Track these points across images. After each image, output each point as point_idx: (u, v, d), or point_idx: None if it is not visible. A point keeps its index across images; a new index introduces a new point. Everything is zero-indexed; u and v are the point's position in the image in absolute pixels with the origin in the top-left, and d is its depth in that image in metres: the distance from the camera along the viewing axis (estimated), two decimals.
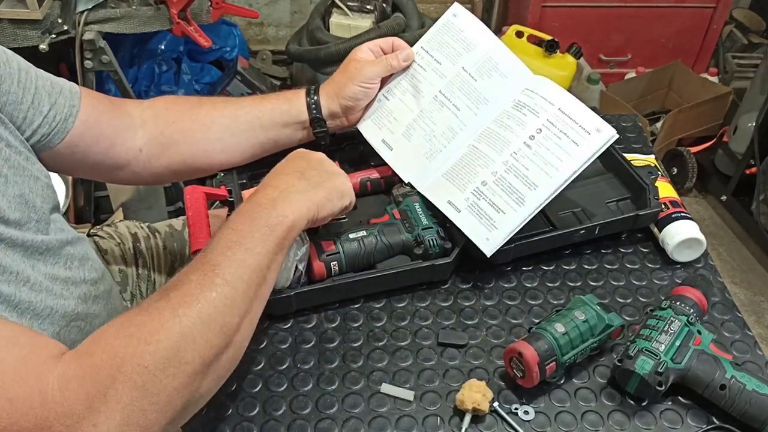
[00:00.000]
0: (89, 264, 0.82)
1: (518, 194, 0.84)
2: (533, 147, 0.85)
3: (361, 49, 0.94)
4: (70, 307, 0.75)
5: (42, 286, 0.71)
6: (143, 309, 0.62)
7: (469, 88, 0.92)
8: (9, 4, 1.49)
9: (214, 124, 0.92)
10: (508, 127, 0.88)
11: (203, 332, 0.61)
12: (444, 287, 0.91)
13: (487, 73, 0.92)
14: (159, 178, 0.96)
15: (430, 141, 0.93)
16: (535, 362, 0.74)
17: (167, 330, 0.60)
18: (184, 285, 0.64)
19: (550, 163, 0.84)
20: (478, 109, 0.92)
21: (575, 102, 0.86)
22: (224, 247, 0.67)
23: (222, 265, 0.65)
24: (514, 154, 0.86)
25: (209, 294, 0.63)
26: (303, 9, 2.59)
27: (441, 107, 0.93)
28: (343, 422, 0.75)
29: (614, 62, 2.44)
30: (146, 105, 0.92)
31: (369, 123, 0.98)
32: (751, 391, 0.72)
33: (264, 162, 1.02)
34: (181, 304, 0.62)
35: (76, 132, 0.81)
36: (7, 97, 0.73)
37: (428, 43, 0.95)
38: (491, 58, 0.92)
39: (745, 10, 2.57)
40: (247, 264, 0.67)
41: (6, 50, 0.76)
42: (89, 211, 1.86)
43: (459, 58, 0.93)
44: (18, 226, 0.69)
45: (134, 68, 2.07)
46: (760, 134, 1.99)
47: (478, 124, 0.91)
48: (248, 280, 0.67)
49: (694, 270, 0.94)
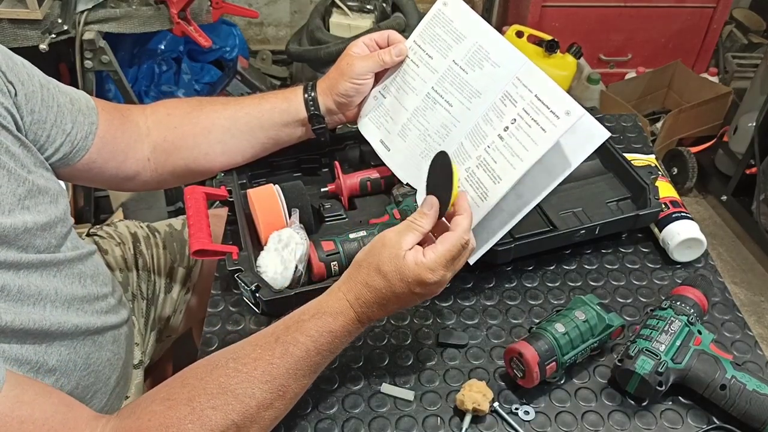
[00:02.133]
0: (100, 279, 0.83)
1: (483, 189, 0.80)
2: (505, 139, 0.80)
3: (357, 43, 0.92)
4: (84, 324, 0.76)
5: (60, 309, 0.72)
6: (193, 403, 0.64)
7: (460, 82, 0.87)
8: (9, 4, 1.49)
9: (215, 127, 0.92)
10: (489, 121, 0.83)
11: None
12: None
13: (478, 63, 0.86)
14: (164, 184, 0.96)
15: (424, 140, 0.90)
16: (535, 362, 0.74)
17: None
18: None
19: (516, 154, 0.78)
20: (471, 104, 0.86)
21: (552, 86, 0.79)
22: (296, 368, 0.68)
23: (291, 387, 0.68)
24: (487, 148, 0.81)
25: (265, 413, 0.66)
26: (303, 9, 2.59)
27: (434, 104, 0.89)
28: (343, 422, 0.75)
29: (614, 62, 2.44)
30: (149, 112, 0.92)
31: (367, 122, 0.97)
32: (751, 391, 0.72)
33: (264, 162, 1.02)
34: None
35: (95, 149, 0.82)
36: (32, 117, 0.73)
37: (420, 37, 0.92)
38: (481, 47, 0.86)
39: (745, 10, 2.57)
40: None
41: (25, 63, 0.75)
42: (89, 211, 1.86)
43: (450, 51, 0.88)
44: (38, 251, 0.71)
45: (134, 68, 2.07)
46: (760, 134, 1.99)
47: (471, 119, 0.86)
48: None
49: (695, 270, 0.94)
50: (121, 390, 0.88)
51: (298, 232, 0.86)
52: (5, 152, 0.67)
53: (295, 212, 0.89)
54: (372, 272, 0.68)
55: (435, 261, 0.67)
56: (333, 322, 0.68)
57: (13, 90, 0.71)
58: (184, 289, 1.11)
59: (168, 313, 1.09)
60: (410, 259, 0.67)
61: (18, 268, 0.67)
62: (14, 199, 0.67)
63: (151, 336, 1.04)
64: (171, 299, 1.09)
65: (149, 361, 1.04)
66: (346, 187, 0.98)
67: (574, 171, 0.83)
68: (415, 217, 0.70)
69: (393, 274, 0.68)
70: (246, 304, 0.88)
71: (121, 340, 0.87)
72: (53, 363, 0.71)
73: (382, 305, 0.69)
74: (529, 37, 2.15)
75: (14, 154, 0.69)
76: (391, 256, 0.68)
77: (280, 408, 0.68)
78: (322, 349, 0.68)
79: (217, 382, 0.65)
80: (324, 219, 0.97)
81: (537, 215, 0.95)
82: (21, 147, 0.71)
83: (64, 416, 0.62)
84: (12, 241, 0.67)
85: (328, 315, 0.68)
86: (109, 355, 0.82)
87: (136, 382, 0.94)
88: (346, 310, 0.69)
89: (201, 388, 0.64)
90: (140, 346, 0.98)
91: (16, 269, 0.67)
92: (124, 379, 0.89)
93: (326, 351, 0.69)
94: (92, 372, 0.78)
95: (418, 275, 0.67)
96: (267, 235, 0.87)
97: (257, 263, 0.83)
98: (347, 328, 0.69)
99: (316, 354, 0.68)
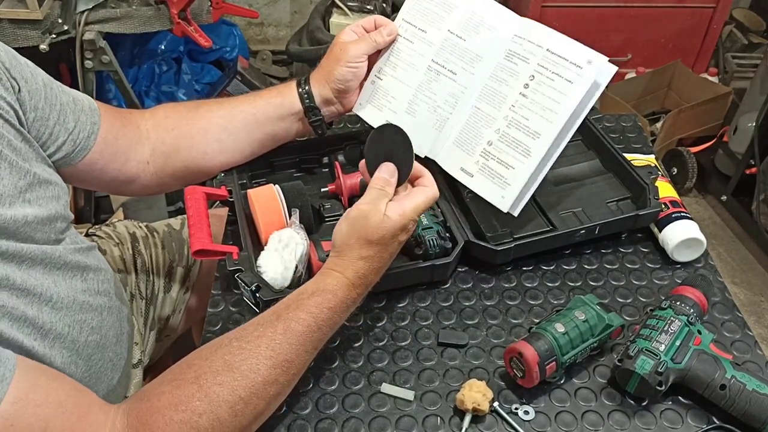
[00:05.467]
0: (101, 275, 0.83)
1: (524, 146, 0.83)
2: (529, 96, 0.84)
3: (345, 31, 0.93)
4: (87, 321, 0.77)
5: (63, 303, 0.73)
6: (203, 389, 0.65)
7: (460, 50, 0.89)
8: (9, 4, 1.50)
9: (211, 126, 0.92)
10: (503, 81, 0.86)
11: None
12: (444, 287, 0.91)
13: (474, 29, 0.88)
14: (165, 188, 0.97)
15: (435, 112, 0.92)
16: (535, 362, 0.74)
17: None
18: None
19: (548, 108, 0.82)
20: (474, 68, 0.89)
21: (562, 38, 0.83)
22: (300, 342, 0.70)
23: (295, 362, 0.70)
24: (512, 107, 0.85)
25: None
26: (303, 9, 2.59)
27: (437, 75, 0.91)
28: (343, 422, 0.75)
29: (614, 62, 2.43)
30: (148, 116, 0.93)
31: (369, 107, 0.96)
32: (751, 391, 0.72)
33: (264, 162, 1.03)
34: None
35: (97, 149, 0.82)
36: (35, 114, 0.73)
37: (408, 14, 0.93)
38: (475, 13, 0.89)
39: (745, 10, 2.57)
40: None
41: (29, 63, 0.76)
42: (89, 211, 1.86)
43: (443, 22, 0.90)
44: (38, 244, 0.71)
45: (134, 68, 2.07)
46: (760, 134, 1.99)
47: (478, 82, 0.89)
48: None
49: (694, 270, 0.94)
50: (121, 389, 0.88)
51: (298, 232, 0.86)
52: (7, 145, 0.68)
53: (295, 212, 0.89)
54: (364, 245, 0.73)
55: (413, 208, 0.74)
56: (333, 298, 0.72)
57: (17, 86, 0.71)
58: (183, 289, 1.11)
59: (167, 313, 1.09)
60: (393, 215, 0.73)
61: (20, 259, 0.67)
62: (15, 191, 0.68)
63: (150, 335, 1.04)
64: (170, 299, 1.09)
65: (149, 360, 1.04)
66: (346, 187, 0.98)
67: (574, 171, 0.84)
68: (382, 185, 0.76)
69: (384, 238, 0.73)
70: (246, 304, 0.88)
71: (123, 340, 0.87)
72: (57, 364, 0.71)
73: (378, 269, 0.75)
74: None
75: (16, 147, 0.69)
76: (376, 224, 0.72)
77: (284, 384, 0.70)
78: (322, 324, 0.71)
79: (222, 360, 0.67)
80: (324, 219, 0.97)
81: (537, 215, 0.95)
82: (23, 141, 0.71)
83: (77, 399, 0.63)
84: (12, 234, 0.67)
85: (327, 292, 0.72)
86: (111, 356, 0.82)
87: (135, 381, 0.94)
88: (346, 286, 0.73)
89: (207, 367, 0.66)
90: (139, 346, 0.98)
91: (18, 261, 0.67)
92: (125, 379, 0.89)
93: (326, 326, 0.72)
94: (94, 373, 0.78)
95: (403, 225, 0.74)
96: (267, 235, 0.87)
97: (257, 263, 0.83)
98: (346, 303, 0.73)
99: (317, 329, 0.71)
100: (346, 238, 0.74)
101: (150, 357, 1.05)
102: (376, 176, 0.76)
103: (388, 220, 0.72)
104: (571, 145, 1.06)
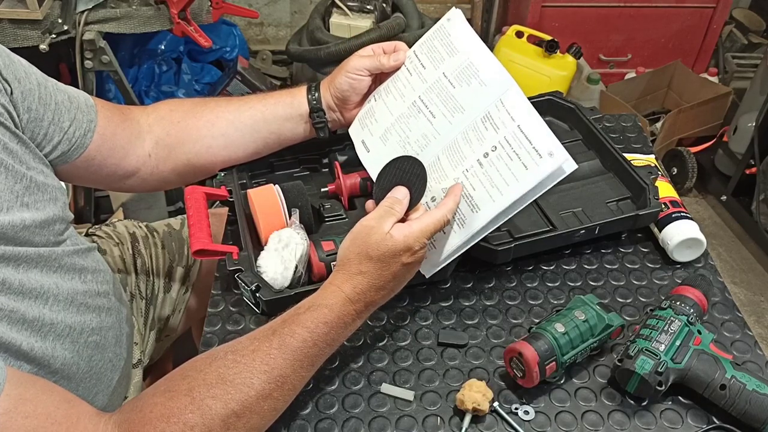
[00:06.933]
0: (101, 275, 0.83)
1: (461, 215, 0.80)
2: (485, 165, 0.79)
3: (365, 48, 0.94)
4: (87, 322, 0.77)
5: (63, 304, 0.73)
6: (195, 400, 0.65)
7: (446, 95, 0.87)
8: (9, 4, 1.49)
9: (219, 120, 0.93)
10: (469, 141, 0.82)
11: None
12: (444, 287, 0.91)
13: (466, 80, 0.85)
14: (164, 183, 0.96)
15: (403, 147, 0.89)
16: (535, 362, 0.74)
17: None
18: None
19: (496, 186, 0.78)
20: (453, 118, 0.85)
21: (537, 121, 0.78)
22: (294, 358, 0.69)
23: (290, 377, 0.69)
24: (465, 172, 0.81)
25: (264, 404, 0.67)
26: (303, 9, 2.59)
27: (418, 113, 0.89)
28: (343, 422, 0.76)
29: (614, 62, 2.44)
30: (150, 110, 0.93)
31: (356, 122, 0.97)
32: (751, 391, 0.72)
33: (264, 162, 1.03)
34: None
35: (94, 146, 0.82)
36: (29, 114, 0.73)
37: (420, 47, 0.92)
38: (472, 63, 0.85)
39: (745, 10, 2.57)
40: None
41: (23, 62, 0.75)
42: (89, 211, 1.86)
43: (441, 63, 0.88)
44: (37, 247, 0.71)
45: (134, 68, 2.07)
46: (760, 134, 1.99)
47: (451, 133, 0.85)
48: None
49: (694, 270, 0.94)
50: (121, 390, 0.88)
51: (298, 232, 0.86)
52: (3, 149, 0.67)
53: (295, 212, 0.89)
54: (363, 260, 0.72)
55: (421, 231, 0.74)
56: (329, 313, 0.71)
57: (9, 88, 0.71)
58: (183, 289, 1.11)
59: (167, 313, 1.09)
60: (397, 235, 0.72)
61: (18, 262, 0.67)
62: (12, 196, 0.67)
63: (150, 335, 1.04)
64: (170, 299, 1.09)
65: (149, 360, 1.04)
66: (346, 187, 0.98)
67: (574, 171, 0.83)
68: (392, 204, 0.76)
69: (384, 256, 0.72)
70: (246, 304, 0.88)
71: (122, 341, 0.87)
72: (57, 365, 0.71)
73: (378, 288, 0.73)
74: (528, 38, 2.15)
75: (12, 150, 0.69)
76: (378, 240, 0.72)
77: (279, 399, 0.69)
78: (318, 340, 0.70)
79: (216, 373, 0.66)
80: (324, 219, 0.98)
81: (537, 215, 0.95)
82: (19, 143, 0.71)
83: (67, 411, 0.62)
84: (11, 239, 0.67)
85: (323, 307, 0.71)
86: (111, 356, 0.82)
87: (135, 381, 0.94)
88: (343, 301, 0.72)
89: (200, 379, 0.66)
90: (139, 346, 0.98)
91: (15, 264, 0.67)
92: (125, 379, 0.89)
93: (323, 342, 0.71)
94: (95, 374, 0.78)
95: (407, 245, 0.73)
96: (267, 235, 0.87)
97: (257, 263, 0.83)
98: (344, 319, 0.72)
99: (312, 345, 0.70)
100: (347, 253, 0.74)
101: (150, 357, 1.05)
102: (387, 196, 0.77)
103: (391, 239, 0.72)
104: (571, 145, 1.06)
